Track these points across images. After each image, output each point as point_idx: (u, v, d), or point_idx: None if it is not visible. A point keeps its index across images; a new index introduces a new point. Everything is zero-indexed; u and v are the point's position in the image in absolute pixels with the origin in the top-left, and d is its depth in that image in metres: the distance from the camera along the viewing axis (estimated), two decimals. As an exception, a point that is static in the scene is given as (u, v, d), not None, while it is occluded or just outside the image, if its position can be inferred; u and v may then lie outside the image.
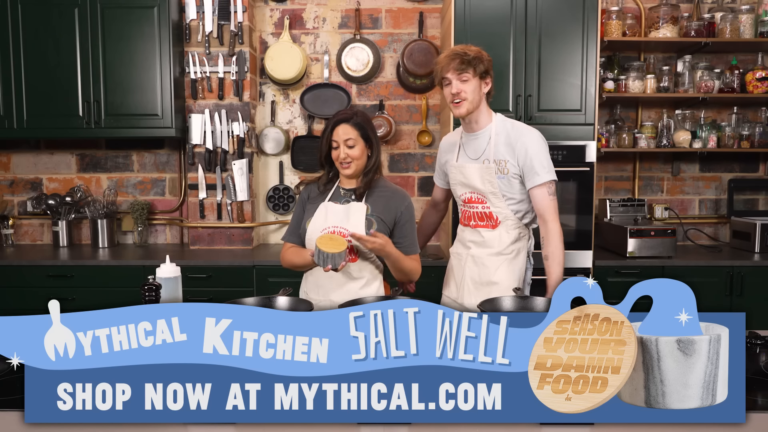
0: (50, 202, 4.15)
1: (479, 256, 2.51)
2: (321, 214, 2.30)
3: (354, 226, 2.23)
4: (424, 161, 4.22)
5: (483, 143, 2.46)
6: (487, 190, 2.45)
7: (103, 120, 3.76)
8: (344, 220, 2.25)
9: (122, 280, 3.57)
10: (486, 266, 2.49)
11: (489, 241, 2.49)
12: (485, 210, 2.49)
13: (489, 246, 2.49)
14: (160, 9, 3.70)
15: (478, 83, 2.38)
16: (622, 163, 4.26)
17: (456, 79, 2.35)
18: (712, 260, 3.62)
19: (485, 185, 2.45)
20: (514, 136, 2.42)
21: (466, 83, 2.35)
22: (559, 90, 3.52)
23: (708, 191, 4.30)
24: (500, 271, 2.47)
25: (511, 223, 2.47)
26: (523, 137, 2.40)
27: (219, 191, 3.97)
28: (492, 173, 2.42)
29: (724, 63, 4.10)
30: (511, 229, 2.48)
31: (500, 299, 2.00)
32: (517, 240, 2.49)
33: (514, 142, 2.40)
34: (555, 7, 3.48)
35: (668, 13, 3.84)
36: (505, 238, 2.47)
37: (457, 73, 2.34)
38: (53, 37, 3.72)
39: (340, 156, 2.26)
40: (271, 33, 4.18)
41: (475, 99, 2.39)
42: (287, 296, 1.97)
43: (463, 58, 2.33)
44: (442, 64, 2.38)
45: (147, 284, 1.71)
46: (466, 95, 2.36)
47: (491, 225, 2.48)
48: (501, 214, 2.46)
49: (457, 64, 2.33)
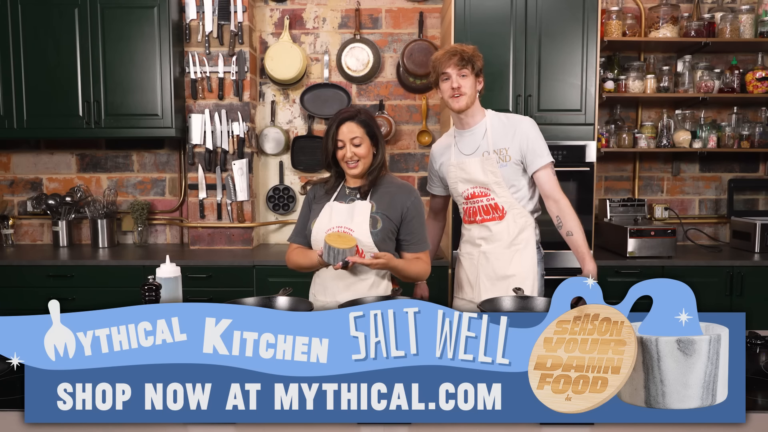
0: (50, 202, 4.14)
1: (491, 251, 2.56)
2: (326, 214, 2.28)
3: (358, 225, 2.21)
4: (424, 161, 4.22)
5: (478, 137, 2.56)
6: (490, 180, 2.52)
7: (103, 120, 3.76)
8: (348, 220, 2.23)
9: (122, 280, 3.57)
10: (499, 260, 2.55)
11: (498, 233, 2.55)
12: (490, 202, 2.55)
13: (498, 239, 2.55)
14: (160, 9, 3.70)
15: (474, 80, 2.50)
16: (622, 163, 4.26)
17: (456, 74, 2.46)
18: (712, 260, 3.62)
19: (488, 176, 2.52)
20: (510, 124, 2.54)
21: (465, 79, 2.47)
22: (559, 90, 3.52)
23: (708, 191, 4.30)
24: (514, 262, 2.54)
25: (516, 212, 2.54)
26: (521, 124, 2.53)
27: (219, 191, 3.97)
28: (493, 163, 2.50)
29: (724, 63, 4.09)
30: (518, 218, 2.54)
31: (500, 299, 1.99)
32: (525, 229, 2.55)
33: (513, 130, 2.51)
34: (555, 7, 3.48)
35: (668, 13, 3.84)
36: (513, 228, 2.54)
37: (457, 69, 2.45)
38: (53, 37, 3.72)
39: (347, 155, 2.23)
40: (271, 33, 4.18)
41: (472, 94, 2.50)
42: (287, 296, 1.96)
43: (462, 55, 2.45)
44: (441, 60, 2.48)
45: (147, 284, 1.71)
46: (465, 90, 2.47)
47: (498, 216, 2.54)
48: (506, 203, 2.53)
49: (458, 60, 2.44)
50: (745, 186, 4.26)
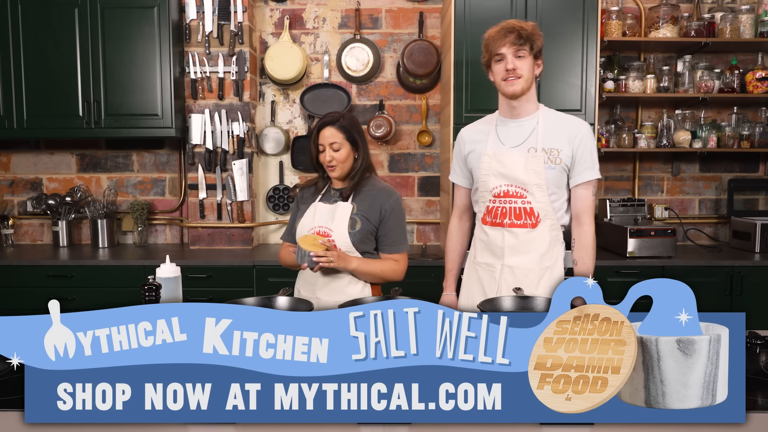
0: (50, 202, 4.14)
1: (519, 266, 2.24)
2: (310, 213, 2.37)
3: (338, 225, 2.28)
4: (424, 161, 4.22)
5: (527, 130, 2.24)
6: (531, 181, 2.19)
7: (103, 120, 3.76)
8: (329, 220, 2.31)
9: (122, 280, 3.57)
10: (528, 277, 2.23)
11: (528, 243, 2.22)
12: (525, 206, 2.21)
13: (528, 251, 2.23)
14: (160, 9, 3.70)
15: (533, 62, 2.19)
16: (622, 163, 4.25)
17: (512, 54, 2.14)
18: (712, 260, 3.62)
19: (530, 175, 2.19)
20: (567, 124, 2.23)
21: (522, 60, 2.15)
22: (559, 90, 3.52)
23: (708, 191, 4.30)
24: (543, 283, 2.22)
25: (550, 222, 2.23)
26: (580, 127, 2.23)
27: (219, 191, 3.98)
28: (540, 162, 2.18)
29: (724, 63, 4.09)
30: (553, 230, 2.24)
31: (500, 299, 1.95)
32: (556, 244, 2.26)
33: (570, 131, 2.21)
34: (555, 7, 3.48)
35: (668, 13, 3.84)
36: (545, 240, 2.22)
37: (514, 48, 2.13)
38: (53, 37, 3.72)
39: (326, 159, 2.31)
40: (271, 33, 4.18)
41: (530, 78, 2.18)
42: (287, 296, 1.97)
43: (520, 32, 2.13)
44: (495, 38, 2.16)
45: (147, 284, 1.70)
46: (522, 72, 2.16)
47: (531, 224, 2.21)
48: (543, 210, 2.21)
49: (515, 38, 2.13)
50: (745, 186, 4.25)
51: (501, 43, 2.14)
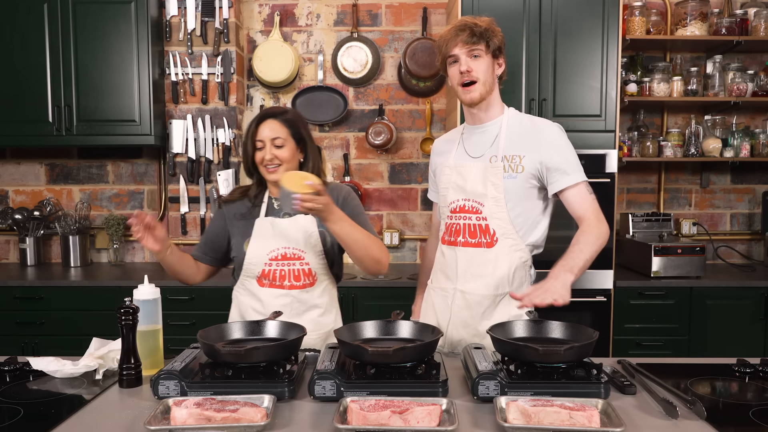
0: (17, 216, 4.10)
1: (471, 292, 2.14)
2: (263, 234, 2.16)
3: (310, 245, 2.13)
4: (428, 172, 4.13)
5: (490, 137, 2.18)
6: (489, 194, 2.11)
7: (75, 126, 3.75)
8: (297, 240, 2.13)
9: (96, 302, 3.53)
10: (482, 305, 2.14)
11: (482, 266, 2.13)
12: (480, 222, 2.12)
13: (482, 274, 2.13)
14: (137, 4, 3.71)
15: (491, 62, 2.12)
16: (646, 173, 4.23)
17: (465, 55, 2.09)
18: (744, 280, 3.58)
19: (487, 188, 2.12)
20: (533, 129, 2.15)
21: (478, 60, 2.09)
22: (577, 93, 3.49)
23: (740, 205, 4.26)
24: (497, 315, 2.12)
25: (510, 242, 2.11)
26: (546, 130, 2.14)
27: (203, 205, 3.95)
28: (498, 173, 2.11)
29: (758, 64, 4.07)
30: (512, 252, 2.11)
31: (513, 323, 1.82)
32: (516, 269, 2.13)
33: (535, 136, 2.13)
34: (572, 3, 3.45)
35: (696, 9, 3.81)
36: (503, 263, 2.11)
37: (467, 48, 2.08)
38: (20, 35, 3.71)
39: (266, 157, 2.11)
40: (259, 31, 4.16)
41: (488, 81, 2.12)
42: (277, 320, 1.89)
43: (473, 30, 2.07)
44: (447, 38, 2.11)
45: (124, 307, 1.70)
46: (477, 75, 2.09)
47: (486, 243, 2.12)
48: (500, 228, 2.10)
49: (467, 37, 2.07)
50: (781, 199, 4.20)
51: (453, 42, 2.10)
